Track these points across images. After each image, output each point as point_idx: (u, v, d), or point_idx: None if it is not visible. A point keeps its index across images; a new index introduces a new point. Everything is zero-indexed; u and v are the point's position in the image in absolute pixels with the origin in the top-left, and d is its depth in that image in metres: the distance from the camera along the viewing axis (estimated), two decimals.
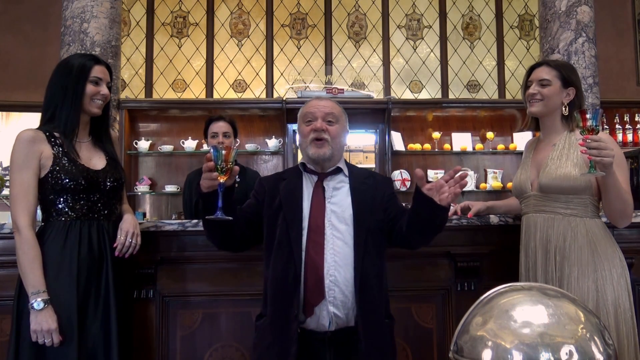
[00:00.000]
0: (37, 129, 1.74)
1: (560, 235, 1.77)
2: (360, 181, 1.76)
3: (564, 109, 1.87)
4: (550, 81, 1.86)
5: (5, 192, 4.09)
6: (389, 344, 1.68)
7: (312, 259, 1.62)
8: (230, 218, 1.55)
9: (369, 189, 1.75)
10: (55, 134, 1.73)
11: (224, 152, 1.49)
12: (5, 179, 3.95)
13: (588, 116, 1.58)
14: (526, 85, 1.93)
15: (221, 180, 1.51)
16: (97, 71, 1.77)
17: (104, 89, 1.78)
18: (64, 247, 1.68)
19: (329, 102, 1.80)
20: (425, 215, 1.56)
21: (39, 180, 1.69)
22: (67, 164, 1.70)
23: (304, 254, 1.63)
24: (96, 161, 1.80)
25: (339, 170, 1.77)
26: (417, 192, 1.55)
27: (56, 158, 1.70)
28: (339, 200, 1.71)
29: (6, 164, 4.80)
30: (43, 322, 1.59)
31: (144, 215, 4.69)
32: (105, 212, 1.77)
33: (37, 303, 1.60)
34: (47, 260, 1.66)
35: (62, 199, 1.71)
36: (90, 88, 1.75)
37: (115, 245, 1.75)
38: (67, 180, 1.69)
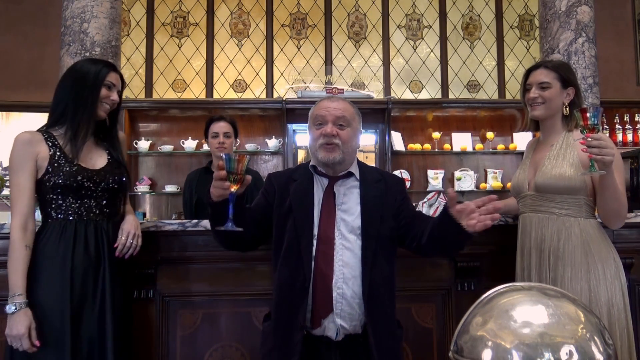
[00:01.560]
0: (36, 130, 1.74)
1: (554, 235, 1.78)
2: (371, 186, 1.70)
3: (564, 109, 1.87)
4: (550, 83, 1.85)
5: (5, 192, 4.09)
6: (398, 353, 1.66)
7: (321, 270, 1.58)
8: (241, 230, 1.50)
9: (379, 194, 1.69)
10: (54, 134, 1.73)
11: (236, 158, 1.45)
12: (5, 179, 3.96)
13: (589, 115, 1.58)
14: (525, 89, 1.92)
15: (232, 190, 1.47)
16: (112, 77, 1.79)
17: (114, 95, 1.79)
18: (57, 249, 1.66)
19: (340, 103, 1.70)
20: (449, 237, 1.51)
21: (37, 180, 1.69)
22: (63, 164, 1.69)
23: (313, 264, 1.59)
24: (96, 160, 1.78)
25: (350, 174, 1.71)
26: (446, 212, 1.49)
27: (52, 158, 1.69)
28: (349, 208, 1.66)
29: (6, 164, 4.80)
30: (12, 326, 1.56)
31: (144, 215, 4.69)
32: (105, 212, 1.75)
33: (8, 307, 1.57)
34: (41, 261, 1.64)
35: (59, 199, 1.70)
36: (103, 91, 1.76)
37: (115, 245, 1.73)
38: (63, 180, 1.68)
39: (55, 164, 1.69)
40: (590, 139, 1.57)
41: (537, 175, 1.83)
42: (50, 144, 1.71)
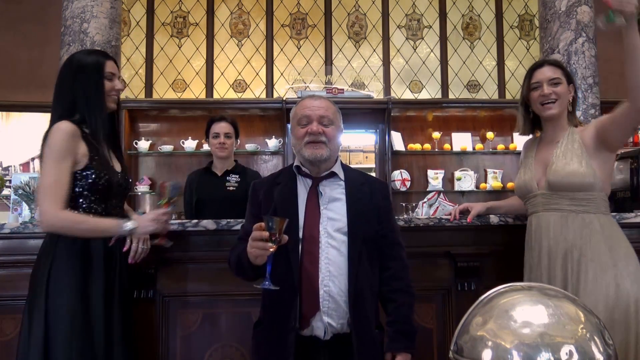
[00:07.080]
0: (73, 124, 1.71)
1: (576, 233, 1.76)
2: (356, 188, 1.71)
3: (569, 106, 1.87)
4: (560, 79, 1.85)
5: (5, 192, 4.08)
6: (379, 355, 1.66)
7: (306, 270, 1.59)
8: (278, 288, 1.51)
9: (364, 196, 1.70)
10: (86, 131, 1.73)
11: (277, 219, 1.45)
12: (5, 179, 3.95)
13: None
14: (529, 88, 1.89)
15: (272, 251, 1.47)
16: (109, 66, 1.77)
17: (117, 84, 1.79)
18: (90, 246, 1.67)
19: (323, 101, 1.71)
20: None
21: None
22: (102, 164, 1.71)
23: (300, 265, 1.60)
24: (114, 162, 1.81)
25: (333, 174, 1.71)
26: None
27: (91, 157, 1.70)
28: (335, 207, 1.66)
29: (6, 164, 4.80)
30: (147, 226, 1.72)
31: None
32: (118, 212, 1.79)
33: (126, 225, 1.68)
34: (70, 256, 1.64)
35: (86, 197, 1.69)
36: (106, 84, 1.75)
37: (125, 249, 1.74)
38: (99, 180, 1.69)
39: (95, 164, 1.69)
40: None
41: (549, 174, 1.81)
42: (87, 141, 1.71)
